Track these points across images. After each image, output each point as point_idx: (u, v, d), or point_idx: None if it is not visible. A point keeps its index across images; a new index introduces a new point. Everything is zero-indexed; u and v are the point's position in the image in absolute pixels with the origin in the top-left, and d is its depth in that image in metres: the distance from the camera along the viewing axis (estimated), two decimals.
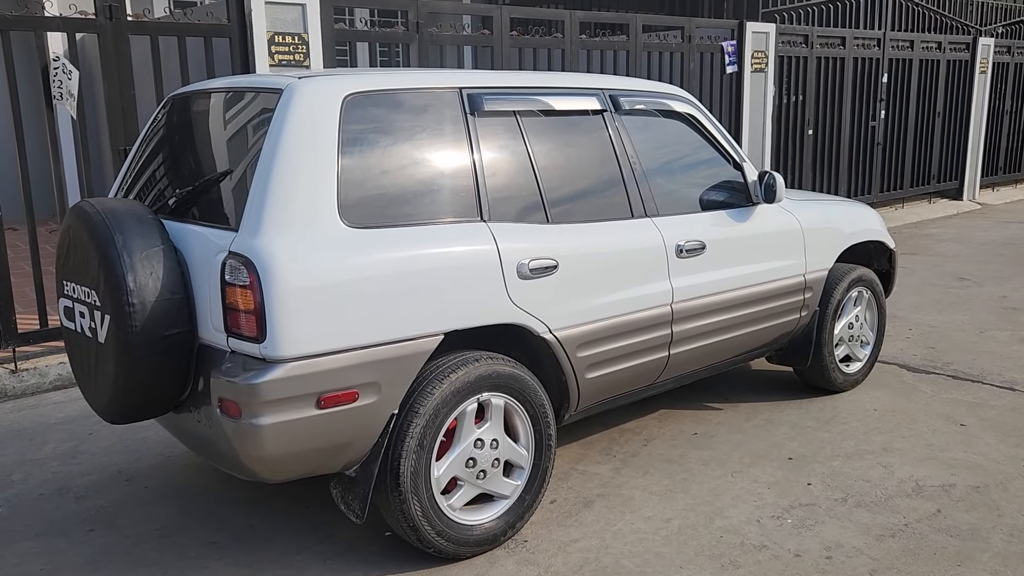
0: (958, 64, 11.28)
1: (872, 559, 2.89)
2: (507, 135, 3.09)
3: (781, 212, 3.99)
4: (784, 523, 3.13)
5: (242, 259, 2.49)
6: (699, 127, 3.79)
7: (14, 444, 3.96)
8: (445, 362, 2.82)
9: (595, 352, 3.21)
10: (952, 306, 6.21)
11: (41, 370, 4.73)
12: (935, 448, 3.76)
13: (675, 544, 3.00)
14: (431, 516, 2.78)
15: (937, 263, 7.78)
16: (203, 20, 5.46)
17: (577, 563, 2.89)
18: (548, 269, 3.02)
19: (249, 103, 2.91)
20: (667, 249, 3.42)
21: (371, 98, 2.81)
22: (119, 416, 2.78)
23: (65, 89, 4.89)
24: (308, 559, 2.94)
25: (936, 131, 11.17)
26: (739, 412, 4.22)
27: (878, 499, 3.30)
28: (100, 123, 6.82)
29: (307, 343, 2.49)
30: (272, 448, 2.51)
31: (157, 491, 3.47)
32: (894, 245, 4.66)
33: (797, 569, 2.83)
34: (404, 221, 2.75)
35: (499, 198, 2.99)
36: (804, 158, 9.45)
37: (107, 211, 2.69)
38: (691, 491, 3.39)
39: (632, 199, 3.39)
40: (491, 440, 2.93)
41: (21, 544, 3.07)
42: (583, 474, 3.55)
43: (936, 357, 5.02)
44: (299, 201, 2.57)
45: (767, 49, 8.66)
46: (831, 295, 4.21)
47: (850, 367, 4.46)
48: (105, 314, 2.63)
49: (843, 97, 9.78)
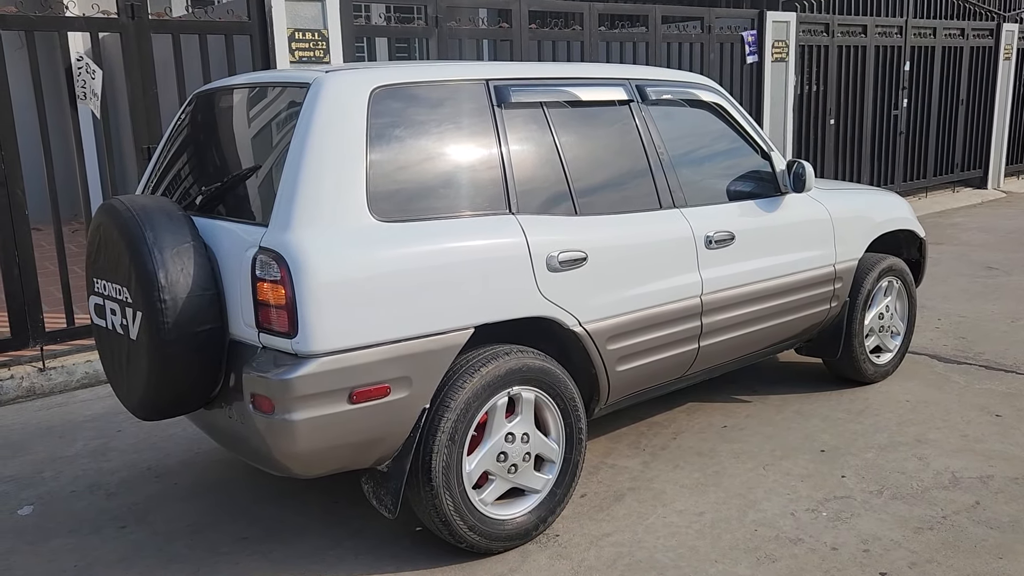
0: (982, 51, 11.11)
1: (911, 552, 2.84)
2: (534, 127, 3.06)
3: (810, 201, 3.94)
4: (819, 516, 3.09)
5: (272, 254, 2.48)
6: (726, 116, 3.75)
7: (44, 442, 3.98)
8: (475, 356, 2.80)
9: (625, 345, 3.18)
10: (981, 295, 6.12)
11: (69, 368, 4.75)
12: (970, 439, 3.70)
13: (709, 538, 2.97)
14: (463, 511, 2.77)
15: (964, 252, 7.68)
16: (224, 18, 5.47)
17: (610, 557, 2.86)
18: (577, 261, 2.99)
19: (276, 98, 2.90)
20: (696, 240, 3.39)
21: (398, 91, 2.79)
22: (152, 413, 2.78)
23: (89, 89, 4.91)
24: (340, 554, 2.94)
25: (960, 119, 11.02)
26: (768, 404, 4.17)
27: (914, 491, 3.25)
28: (122, 122, 6.85)
29: (339, 338, 2.48)
30: (305, 444, 2.50)
31: (187, 487, 3.47)
32: (924, 234, 4.59)
33: (834, 562, 2.79)
34: (433, 214, 2.73)
35: (527, 190, 2.97)
36: (826, 148, 9.35)
37: (137, 208, 2.69)
38: (723, 484, 3.36)
39: (660, 190, 3.35)
40: (522, 434, 2.91)
41: (54, 541, 3.08)
42: (613, 468, 3.52)
43: (967, 347, 4.95)
44: (328, 195, 2.55)
45: (788, 38, 8.57)
46: (861, 285, 4.15)
47: (880, 358, 4.40)
48: (137, 311, 2.63)
49: (865, 86, 9.67)
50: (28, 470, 3.68)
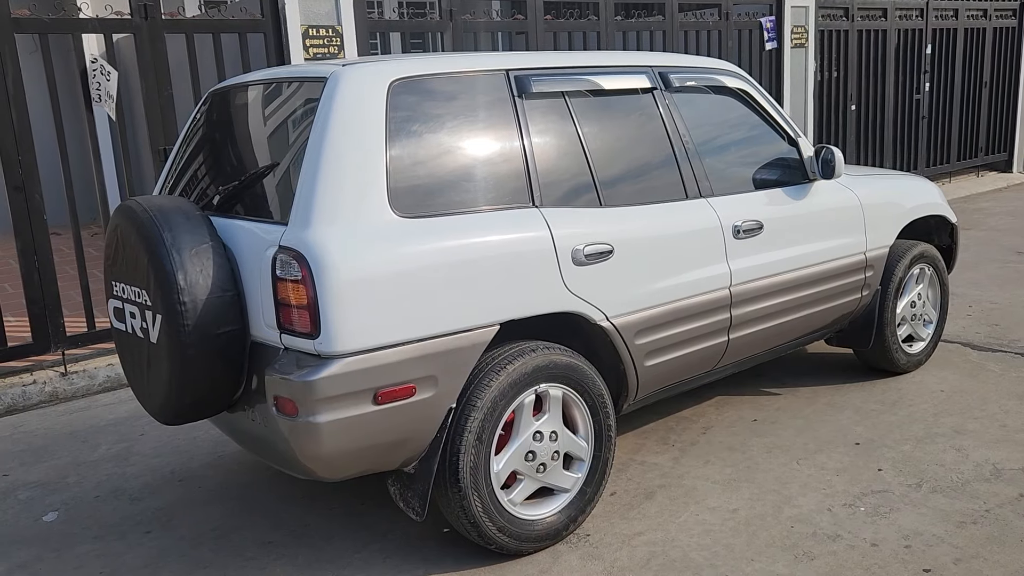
0: (1005, 31, 10.90)
1: (955, 547, 2.75)
2: (556, 117, 2.99)
3: (839, 188, 3.84)
4: (857, 511, 3.00)
5: (293, 253, 2.42)
6: (752, 102, 3.66)
7: (67, 446, 3.96)
8: (501, 353, 2.73)
9: (653, 339, 3.10)
10: (1012, 281, 5.98)
11: (90, 372, 4.74)
12: (1010, 429, 3.60)
13: (744, 535, 2.89)
14: (492, 512, 2.70)
15: (992, 237, 7.52)
16: (237, 16, 5.43)
17: (643, 557, 2.79)
18: (603, 254, 2.91)
19: (292, 94, 2.84)
20: (724, 230, 3.30)
21: (417, 83, 2.72)
22: (174, 417, 2.74)
23: (104, 91, 4.89)
24: (367, 557, 2.89)
25: (983, 102, 10.81)
26: (799, 397, 4.08)
27: (954, 484, 3.16)
28: (137, 124, 6.84)
29: (362, 337, 2.42)
30: (330, 446, 2.45)
31: (211, 491, 3.44)
32: (956, 220, 4.48)
33: (875, 559, 2.71)
34: (455, 209, 2.67)
35: (550, 182, 2.90)
36: (848, 135, 9.20)
37: (154, 209, 2.64)
38: (756, 480, 3.27)
39: (686, 179, 3.27)
40: (550, 432, 2.84)
41: (80, 547, 3.05)
42: (642, 465, 3.45)
43: (1001, 334, 4.83)
44: (348, 191, 2.49)
45: (807, 24, 8.43)
46: (892, 273, 4.05)
47: (913, 347, 4.29)
48: (156, 313, 2.59)
49: (886, 70, 9.50)
50: (52, 475, 3.65)
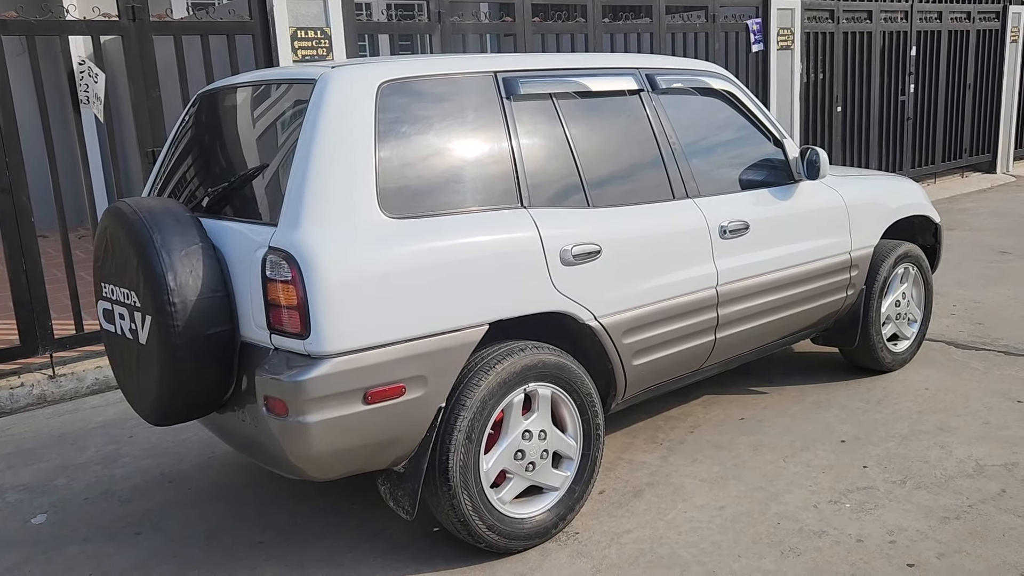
0: (988, 34, 11.01)
1: (938, 542, 2.79)
2: (544, 118, 3.01)
3: (824, 189, 3.88)
4: (842, 508, 3.04)
5: (283, 254, 2.43)
6: (737, 104, 3.69)
7: (56, 449, 3.95)
8: (490, 353, 2.75)
9: (641, 338, 3.13)
10: (996, 280, 6.05)
11: (79, 375, 4.73)
12: (993, 426, 3.65)
13: (731, 532, 2.92)
14: (481, 510, 2.72)
15: (976, 237, 7.60)
16: (225, 18, 5.42)
17: (632, 554, 2.82)
18: (591, 254, 2.94)
19: (281, 96, 2.85)
20: (710, 230, 3.33)
21: (406, 85, 2.74)
22: (164, 418, 2.74)
23: (92, 92, 4.88)
24: (357, 556, 2.90)
25: (967, 104, 10.92)
26: (785, 395, 4.12)
27: (938, 480, 3.20)
28: (125, 126, 6.82)
29: (352, 338, 2.44)
30: (320, 446, 2.46)
31: (201, 492, 3.44)
32: (940, 220, 4.53)
33: (861, 555, 2.74)
34: (444, 210, 2.69)
35: (538, 183, 2.92)
36: (833, 136, 9.27)
37: (144, 210, 2.65)
38: (743, 477, 3.31)
39: (673, 180, 3.30)
40: (539, 431, 2.86)
41: (69, 549, 3.05)
42: (630, 463, 3.47)
43: (985, 333, 4.88)
44: (338, 192, 2.51)
45: (793, 26, 8.49)
46: (877, 272, 4.09)
47: (898, 346, 4.34)
48: (146, 315, 2.59)
49: (871, 72, 9.58)
50: (41, 478, 3.65)
